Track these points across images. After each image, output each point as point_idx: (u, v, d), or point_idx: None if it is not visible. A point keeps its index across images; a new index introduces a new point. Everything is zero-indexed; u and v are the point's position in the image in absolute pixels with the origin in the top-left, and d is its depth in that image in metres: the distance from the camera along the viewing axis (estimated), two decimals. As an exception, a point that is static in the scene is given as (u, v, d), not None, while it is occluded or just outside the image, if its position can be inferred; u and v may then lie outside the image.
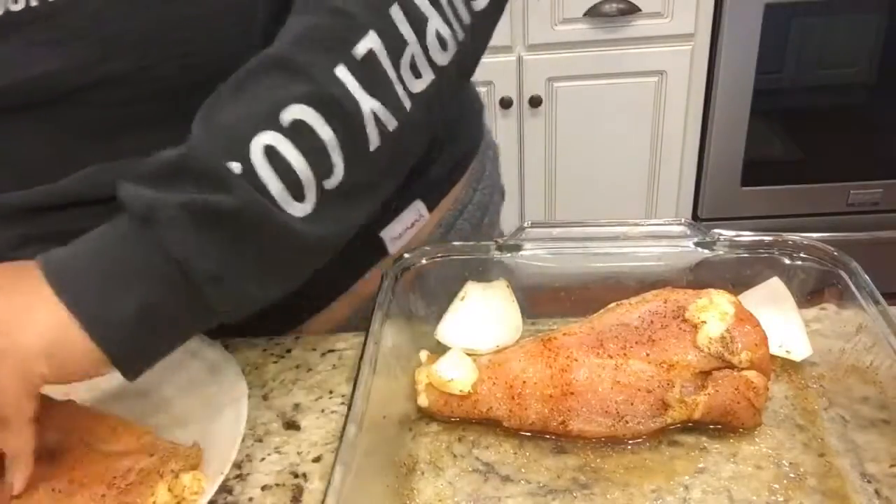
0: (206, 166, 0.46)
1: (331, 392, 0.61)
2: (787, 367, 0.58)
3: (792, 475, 0.51)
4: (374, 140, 0.49)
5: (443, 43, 0.51)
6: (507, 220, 0.83)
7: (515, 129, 1.85)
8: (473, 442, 0.55)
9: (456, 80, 0.54)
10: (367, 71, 0.48)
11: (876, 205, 1.88)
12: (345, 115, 0.48)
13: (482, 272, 0.63)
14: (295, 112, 0.47)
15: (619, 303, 0.58)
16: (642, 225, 0.62)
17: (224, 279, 0.47)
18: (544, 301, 0.64)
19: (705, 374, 0.53)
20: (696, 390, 0.53)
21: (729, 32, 1.70)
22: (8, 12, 0.49)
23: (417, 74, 0.51)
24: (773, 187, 1.88)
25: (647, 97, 1.81)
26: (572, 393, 0.53)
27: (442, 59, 0.52)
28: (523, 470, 0.53)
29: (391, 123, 0.50)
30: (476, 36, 0.54)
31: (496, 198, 0.78)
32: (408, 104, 0.50)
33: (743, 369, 0.53)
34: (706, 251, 0.61)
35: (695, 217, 1.94)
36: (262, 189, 0.46)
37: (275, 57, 0.48)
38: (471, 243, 0.63)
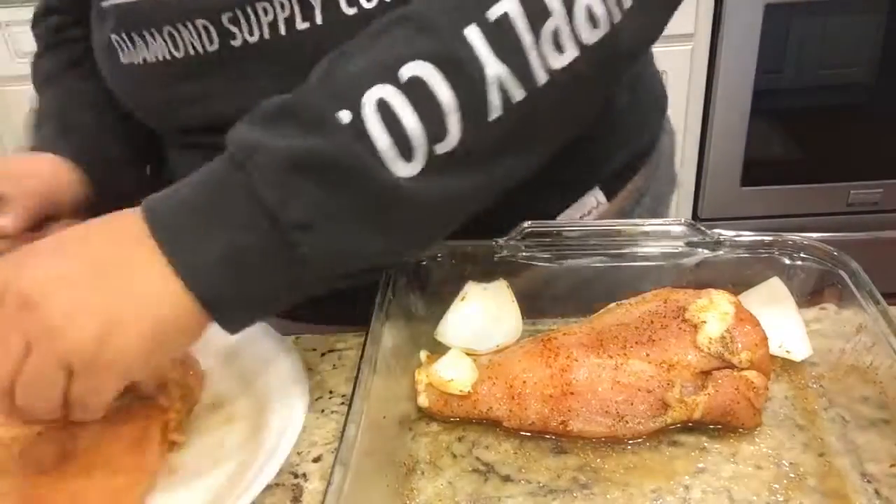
0: (312, 111, 0.45)
1: (331, 392, 0.61)
2: (787, 367, 0.58)
3: (792, 475, 0.51)
4: (495, 108, 0.47)
5: (594, 20, 0.48)
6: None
7: (515, 129, 1.85)
8: (473, 442, 0.55)
9: (608, 61, 0.50)
10: (500, 34, 0.46)
11: (876, 205, 1.88)
12: (467, 78, 0.46)
13: (482, 272, 0.63)
14: (415, 68, 0.45)
15: (619, 303, 0.58)
16: (642, 225, 0.62)
17: (313, 227, 0.45)
18: (544, 301, 0.64)
19: (705, 374, 0.53)
20: (696, 390, 0.53)
21: (729, 32, 1.70)
22: (246, 43, 0.55)
23: (559, 48, 0.47)
24: (773, 187, 1.88)
25: (647, 97, 1.81)
26: (572, 393, 0.53)
27: (589, 36, 0.48)
28: (523, 470, 0.53)
29: (517, 94, 0.47)
30: (637, 17, 0.50)
31: (671, 188, 0.77)
32: (541, 77, 0.47)
33: (743, 369, 0.53)
34: (706, 251, 0.61)
35: (695, 217, 1.94)
36: (367, 141, 0.45)
37: (406, 13, 0.47)
38: (471, 243, 0.63)
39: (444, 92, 0.46)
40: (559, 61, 0.47)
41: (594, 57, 0.49)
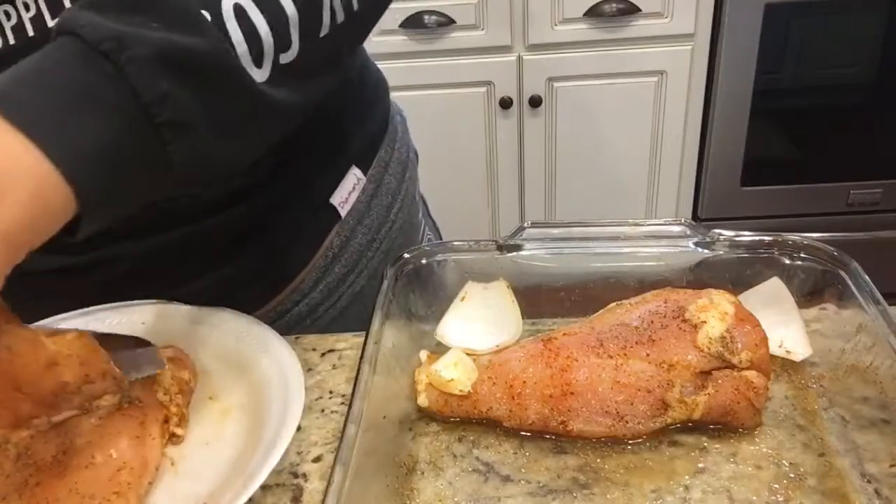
0: (176, 8, 0.44)
1: (331, 392, 0.61)
2: (787, 367, 0.58)
3: (792, 475, 0.51)
4: (325, 27, 0.51)
5: None
6: (508, 219, 0.86)
7: (515, 129, 1.85)
8: (473, 442, 0.55)
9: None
10: None
11: (876, 205, 1.88)
12: None
13: (482, 272, 0.63)
14: None
15: (619, 303, 0.58)
16: (642, 225, 0.62)
17: (188, 127, 0.44)
18: (544, 301, 0.64)
19: (705, 374, 0.53)
20: (696, 390, 0.53)
21: (729, 32, 1.70)
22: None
23: None
24: (773, 187, 1.88)
25: (647, 97, 1.81)
26: (572, 393, 0.53)
27: None
28: (523, 470, 0.53)
29: (340, 16, 0.52)
30: None
31: (412, 156, 0.86)
32: (355, 4, 0.53)
33: (743, 369, 0.53)
34: (706, 251, 0.61)
35: (695, 217, 1.94)
36: (230, 43, 0.45)
37: None
38: (471, 243, 0.63)
39: (289, 6, 0.48)
40: None
41: None
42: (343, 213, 0.73)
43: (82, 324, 0.63)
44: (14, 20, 0.53)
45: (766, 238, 0.61)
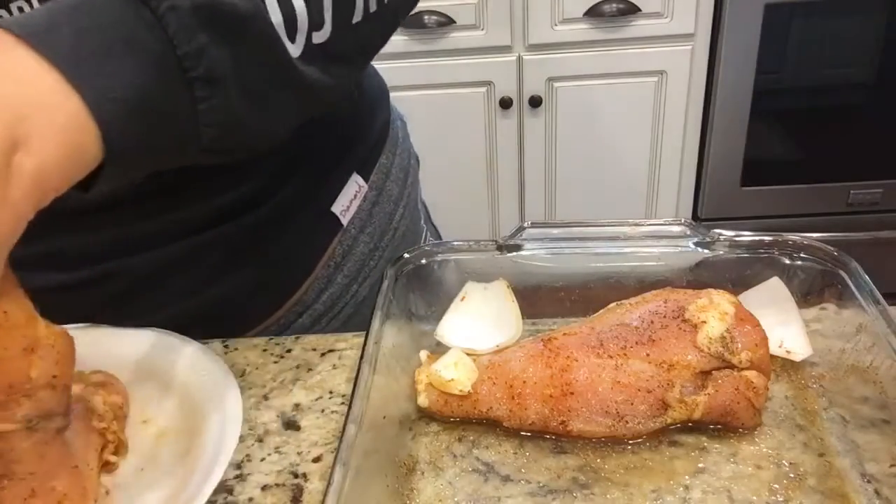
0: None
1: (331, 392, 0.61)
2: (787, 367, 0.58)
3: (792, 475, 0.51)
4: (358, 13, 0.51)
5: None
6: (508, 219, 0.86)
7: (515, 129, 1.85)
8: (473, 442, 0.55)
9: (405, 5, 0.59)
10: None
11: (876, 205, 1.88)
12: None
13: (482, 272, 0.63)
14: None
15: (619, 303, 0.58)
16: (642, 225, 0.62)
17: (220, 85, 0.43)
18: (544, 301, 0.64)
19: (705, 374, 0.53)
20: (696, 390, 0.53)
21: (729, 32, 1.70)
22: None
23: None
24: (773, 187, 1.88)
25: (647, 97, 1.81)
26: (572, 393, 0.53)
27: None
28: (523, 470, 0.53)
29: (373, 5, 0.52)
30: None
31: (413, 162, 0.85)
32: None
33: (743, 369, 0.53)
34: (706, 251, 0.61)
35: (695, 217, 1.94)
36: (267, 12, 0.45)
37: None
38: (471, 243, 0.63)
39: None
40: None
41: None
42: (345, 221, 0.72)
43: None
44: None
45: (766, 238, 0.61)
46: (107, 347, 0.62)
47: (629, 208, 1.95)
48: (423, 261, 0.62)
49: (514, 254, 0.62)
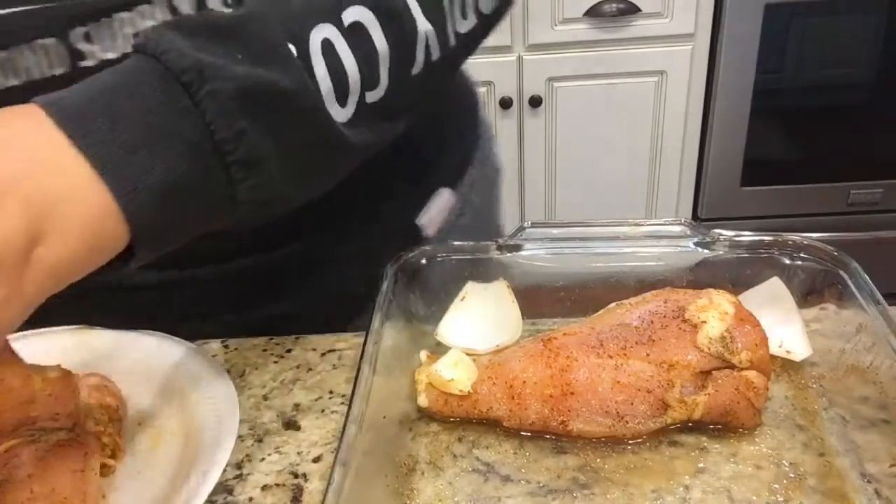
0: (266, 38, 0.42)
1: (331, 392, 0.61)
2: (787, 367, 0.58)
3: (792, 475, 0.51)
4: (418, 64, 0.49)
5: None
6: (508, 220, 0.86)
7: (515, 129, 1.85)
8: (473, 442, 0.55)
9: (482, 35, 0.55)
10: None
11: (876, 205, 1.88)
12: (402, 30, 0.47)
13: (482, 272, 0.63)
14: (357, 13, 0.45)
15: (619, 303, 0.58)
16: (642, 225, 0.62)
17: (260, 166, 0.42)
18: (544, 301, 0.64)
19: (705, 374, 0.53)
20: (696, 390, 0.53)
21: (729, 32, 1.70)
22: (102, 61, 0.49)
23: (464, 16, 0.52)
24: (773, 187, 1.88)
25: (647, 97, 1.81)
26: (572, 393, 0.53)
27: (486, 6, 0.53)
28: (523, 470, 0.53)
29: (436, 52, 0.49)
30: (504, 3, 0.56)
31: (495, 173, 0.84)
32: (452, 40, 0.51)
33: (743, 369, 0.53)
34: (706, 251, 0.61)
35: (695, 217, 1.94)
36: (314, 80, 0.43)
37: None
38: (471, 243, 0.63)
39: (381, 41, 0.46)
40: (463, 27, 0.51)
41: (488, 23, 0.53)
42: (430, 232, 0.71)
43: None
44: (131, 28, 0.51)
45: (766, 238, 0.61)
46: (102, 350, 0.62)
47: (629, 208, 1.95)
48: (423, 261, 0.62)
49: (514, 254, 0.62)
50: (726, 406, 0.53)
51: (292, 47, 0.42)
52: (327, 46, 0.44)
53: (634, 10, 1.70)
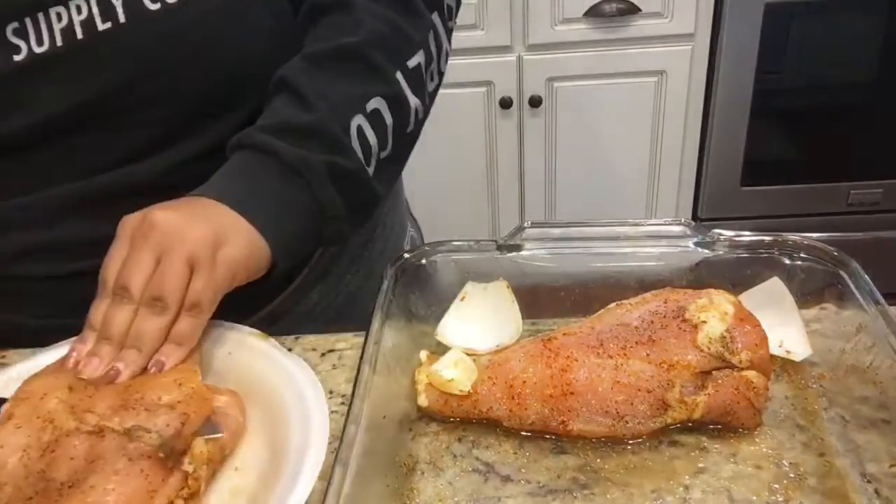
0: (335, 135, 0.60)
1: (331, 392, 0.61)
2: (787, 367, 0.58)
3: (792, 475, 0.51)
4: (410, 125, 0.66)
5: (447, 56, 0.71)
6: (508, 219, 0.87)
7: (515, 129, 1.85)
8: (473, 442, 0.55)
9: (438, 89, 0.72)
10: (415, 78, 0.65)
11: (876, 205, 1.88)
12: (402, 109, 0.65)
13: (482, 272, 0.63)
14: (375, 104, 0.62)
15: (619, 303, 0.58)
16: (642, 225, 0.62)
17: (339, 219, 0.62)
18: (544, 301, 0.64)
19: (705, 374, 0.53)
20: (696, 390, 0.53)
21: (729, 32, 1.70)
22: (33, 54, 0.55)
23: (432, 78, 0.69)
24: (773, 187, 1.88)
25: (647, 97, 1.81)
26: (572, 393, 0.53)
27: (444, 67, 0.71)
28: (523, 470, 0.53)
29: (421, 114, 0.67)
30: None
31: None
32: (428, 101, 0.69)
33: (743, 369, 0.53)
34: (706, 251, 0.61)
35: (695, 217, 1.94)
36: (359, 156, 0.62)
37: (354, 51, 0.63)
38: (471, 243, 0.63)
39: (388, 119, 0.64)
40: (431, 87, 0.69)
41: (440, 83, 0.71)
42: None
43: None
44: (65, 22, 0.53)
45: (766, 238, 0.61)
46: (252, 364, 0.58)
47: (629, 208, 1.95)
48: (423, 261, 0.62)
49: (514, 254, 0.62)
50: (726, 406, 0.53)
51: (344, 135, 0.61)
52: (359, 130, 0.62)
53: (634, 10, 1.70)
